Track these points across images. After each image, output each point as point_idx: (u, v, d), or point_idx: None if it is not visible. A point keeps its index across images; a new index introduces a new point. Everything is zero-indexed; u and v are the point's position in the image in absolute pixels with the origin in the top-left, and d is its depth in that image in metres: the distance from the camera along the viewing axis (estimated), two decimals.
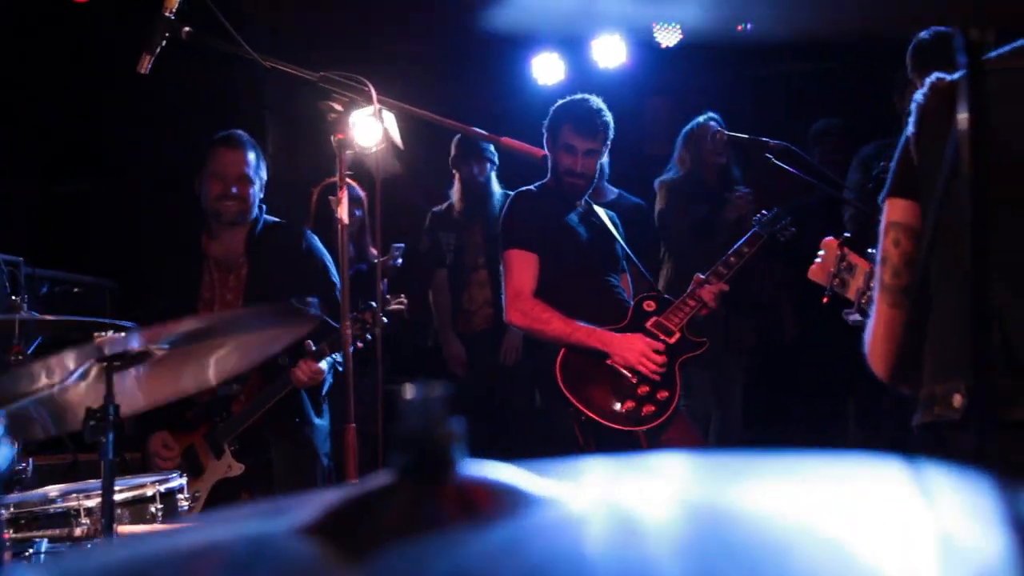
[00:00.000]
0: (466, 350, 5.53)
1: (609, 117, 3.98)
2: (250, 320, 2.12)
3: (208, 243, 3.93)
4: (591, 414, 3.61)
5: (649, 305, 3.93)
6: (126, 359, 1.91)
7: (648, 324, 3.83)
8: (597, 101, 4.00)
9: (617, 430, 3.61)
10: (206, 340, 2.07)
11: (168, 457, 3.76)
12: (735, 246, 4.05)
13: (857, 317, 2.51)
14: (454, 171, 5.63)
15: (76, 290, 5.19)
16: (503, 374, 5.49)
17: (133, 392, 2.25)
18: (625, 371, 3.68)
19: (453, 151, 5.60)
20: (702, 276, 3.93)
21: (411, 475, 0.65)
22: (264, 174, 3.95)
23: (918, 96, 1.87)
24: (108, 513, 1.84)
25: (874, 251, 2.13)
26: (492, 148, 5.46)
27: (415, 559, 0.56)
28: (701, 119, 5.23)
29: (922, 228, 1.81)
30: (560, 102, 4.05)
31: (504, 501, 0.67)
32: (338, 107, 2.29)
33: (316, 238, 3.98)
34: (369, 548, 0.60)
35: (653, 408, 3.66)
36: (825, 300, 2.64)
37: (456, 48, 6.25)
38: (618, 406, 3.64)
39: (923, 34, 3.27)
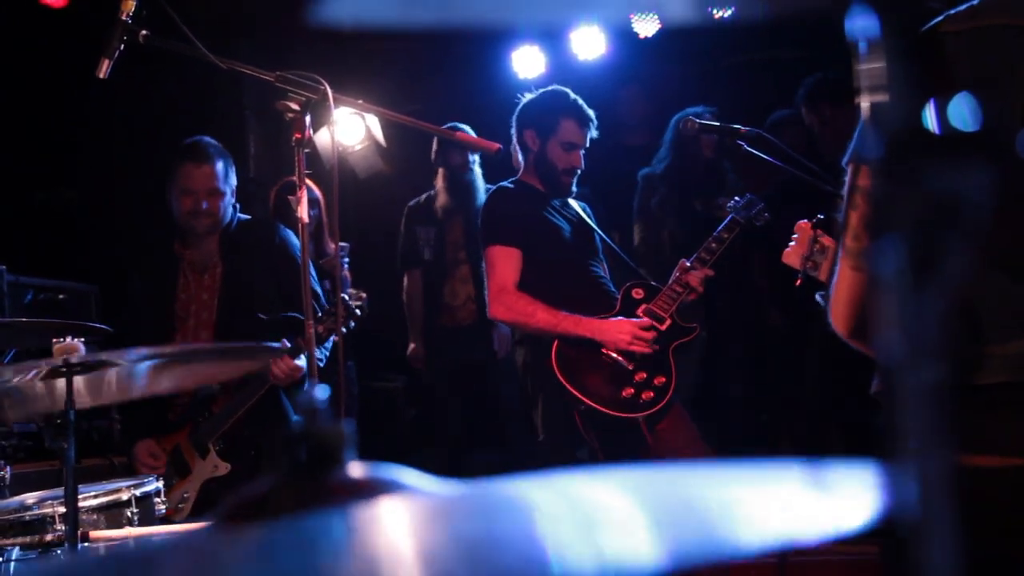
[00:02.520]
0: (450, 343, 5.56)
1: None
2: (216, 355, 2.13)
3: (182, 249, 3.93)
4: (591, 403, 3.60)
5: (637, 293, 3.93)
6: (87, 367, 1.91)
7: (638, 311, 3.83)
8: (576, 95, 4.00)
9: (618, 417, 3.62)
10: (172, 367, 2.08)
11: (155, 465, 3.76)
12: (715, 232, 4.07)
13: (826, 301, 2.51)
14: (438, 168, 5.61)
15: (60, 296, 5.18)
16: (489, 368, 5.51)
17: (113, 386, 2.26)
18: (620, 357, 3.67)
19: (435, 145, 5.59)
20: (688, 262, 3.94)
21: (300, 472, 0.69)
22: (234, 180, 3.94)
23: None
24: (72, 520, 1.84)
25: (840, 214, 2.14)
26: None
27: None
28: (691, 111, 5.23)
29: None
30: (542, 97, 4.02)
31: (385, 494, 0.69)
32: (295, 107, 2.28)
33: (289, 232, 3.96)
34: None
35: (652, 394, 3.67)
36: (798, 283, 2.64)
37: (435, 42, 6.24)
38: (618, 393, 3.64)
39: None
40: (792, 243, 2.68)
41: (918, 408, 0.58)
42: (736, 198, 4.13)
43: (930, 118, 0.56)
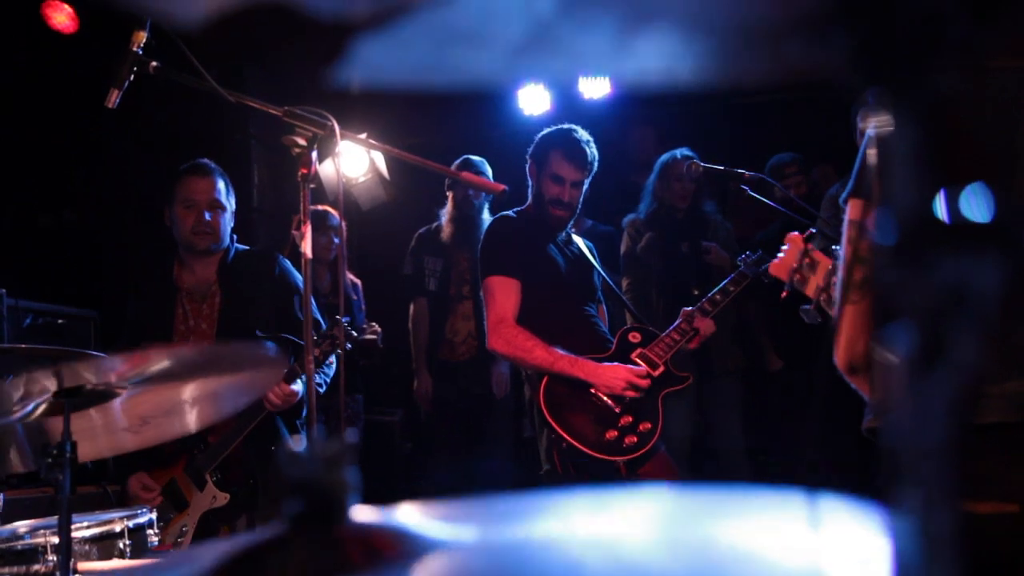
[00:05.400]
0: (449, 378, 5.51)
1: (595, 150, 3.97)
2: (215, 358, 2.11)
3: (180, 274, 3.93)
4: (572, 441, 3.59)
5: (634, 337, 3.91)
6: (86, 396, 1.90)
7: (633, 356, 3.82)
8: (584, 133, 3.99)
9: (597, 459, 3.60)
10: (172, 381, 2.06)
11: (148, 499, 3.73)
12: (721, 284, 4.08)
13: (813, 315, 2.48)
14: (448, 192, 5.60)
15: (60, 321, 5.18)
16: (486, 404, 5.48)
17: (115, 434, 2.24)
18: (609, 400, 3.66)
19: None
20: (689, 310, 3.94)
21: (303, 524, 0.66)
22: (233, 203, 3.96)
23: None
24: (65, 551, 1.82)
25: (839, 248, 2.14)
26: (488, 174, 5.43)
27: None
28: (678, 153, 5.26)
29: None
30: (547, 131, 4.04)
31: (401, 547, 0.67)
32: (301, 142, 2.28)
33: (288, 263, 3.97)
34: None
35: (635, 439, 3.65)
36: (784, 295, 2.62)
37: (446, 80, 6.28)
38: (601, 435, 3.62)
39: None
40: (780, 254, 2.66)
41: (921, 461, 0.58)
42: (748, 252, 4.14)
43: (941, 206, 0.56)
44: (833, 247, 2.48)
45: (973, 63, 0.55)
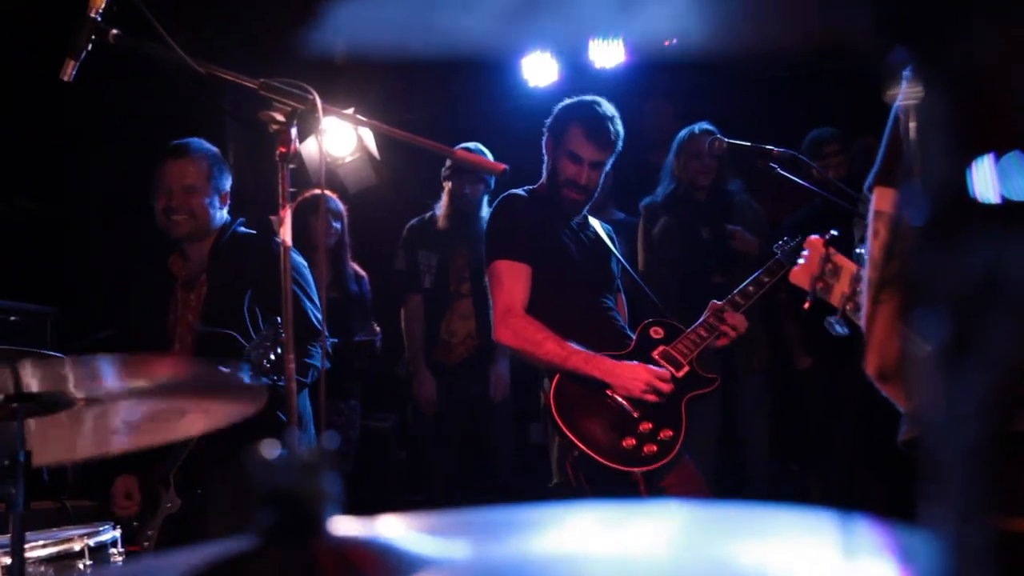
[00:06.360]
0: (444, 381, 5.51)
1: (621, 128, 3.89)
2: (187, 378, 2.12)
3: (176, 262, 3.96)
4: (586, 449, 3.52)
5: (656, 332, 3.86)
6: (42, 402, 1.90)
7: (654, 353, 3.77)
8: (609, 107, 3.91)
9: (613, 469, 3.54)
10: (138, 396, 2.07)
11: (126, 507, 3.78)
12: (754, 275, 4.01)
13: (839, 327, 2.47)
14: (444, 183, 5.59)
15: (13, 318, 5.20)
16: (484, 409, 5.48)
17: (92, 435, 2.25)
18: (626, 403, 3.62)
19: (448, 162, 5.57)
20: (718, 303, 3.89)
21: (277, 537, 0.66)
22: (224, 183, 3.95)
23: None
24: (18, 573, 1.83)
25: (862, 251, 2.12)
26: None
27: None
28: (696, 128, 5.24)
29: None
30: (568, 102, 3.96)
31: (381, 562, 0.67)
32: (280, 117, 2.28)
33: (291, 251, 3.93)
34: None
35: (655, 448, 3.59)
36: (806, 306, 2.60)
37: (442, 47, 6.28)
38: (618, 442, 3.56)
39: None
40: (801, 260, 2.65)
41: (955, 475, 0.58)
42: (785, 238, 4.10)
43: (975, 181, 0.56)
44: (856, 249, 2.46)
45: (1008, 25, 0.55)
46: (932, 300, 0.57)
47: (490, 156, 5.36)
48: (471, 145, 5.38)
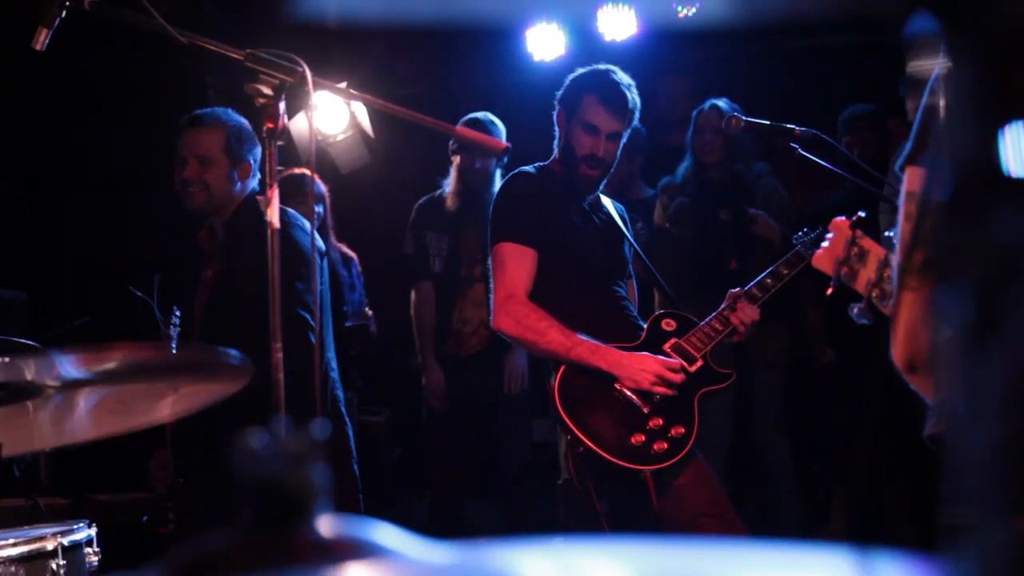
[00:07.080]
0: (456, 374, 5.47)
1: (637, 96, 3.89)
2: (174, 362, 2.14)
3: (204, 236, 4.03)
4: (592, 445, 3.53)
5: (668, 324, 3.86)
6: (11, 391, 1.92)
7: (666, 346, 3.77)
8: (624, 76, 3.91)
9: (621, 467, 3.55)
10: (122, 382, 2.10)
11: (160, 478, 3.98)
12: (773, 266, 4.02)
13: (864, 314, 2.47)
14: (452, 157, 5.52)
15: None
16: (497, 403, 5.48)
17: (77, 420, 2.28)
18: (635, 397, 3.62)
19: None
20: (736, 291, 3.89)
21: (262, 528, 0.69)
22: (246, 155, 3.97)
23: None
24: None
25: (891, 234, 2.12)
26: (501, 135, 5.29)
27: None
28: (709, 104, 5.24)
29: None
30: (581, 71, 3.96)
31: (361, 556, 0.69)
32: (267, 91, 2.29)
33: (301, 221, 3.91)
34: None
35: (666, 446, 3.60)
36: (830, 291, 2.61)
37: (440, 18, 6.28)
38: (626, 439, 3.56)
39: None
40: (825, 243, 2.66)
41: (980, 474, 0.59)
42: (805, 228, 4.10)
43: (1004, 153, 0.56)
44: (885, 233, 2.47)
45: None
46: (955, 278, 0.57)
47: (502, 127, 5.35)
48: (480, 116, 5.33)
